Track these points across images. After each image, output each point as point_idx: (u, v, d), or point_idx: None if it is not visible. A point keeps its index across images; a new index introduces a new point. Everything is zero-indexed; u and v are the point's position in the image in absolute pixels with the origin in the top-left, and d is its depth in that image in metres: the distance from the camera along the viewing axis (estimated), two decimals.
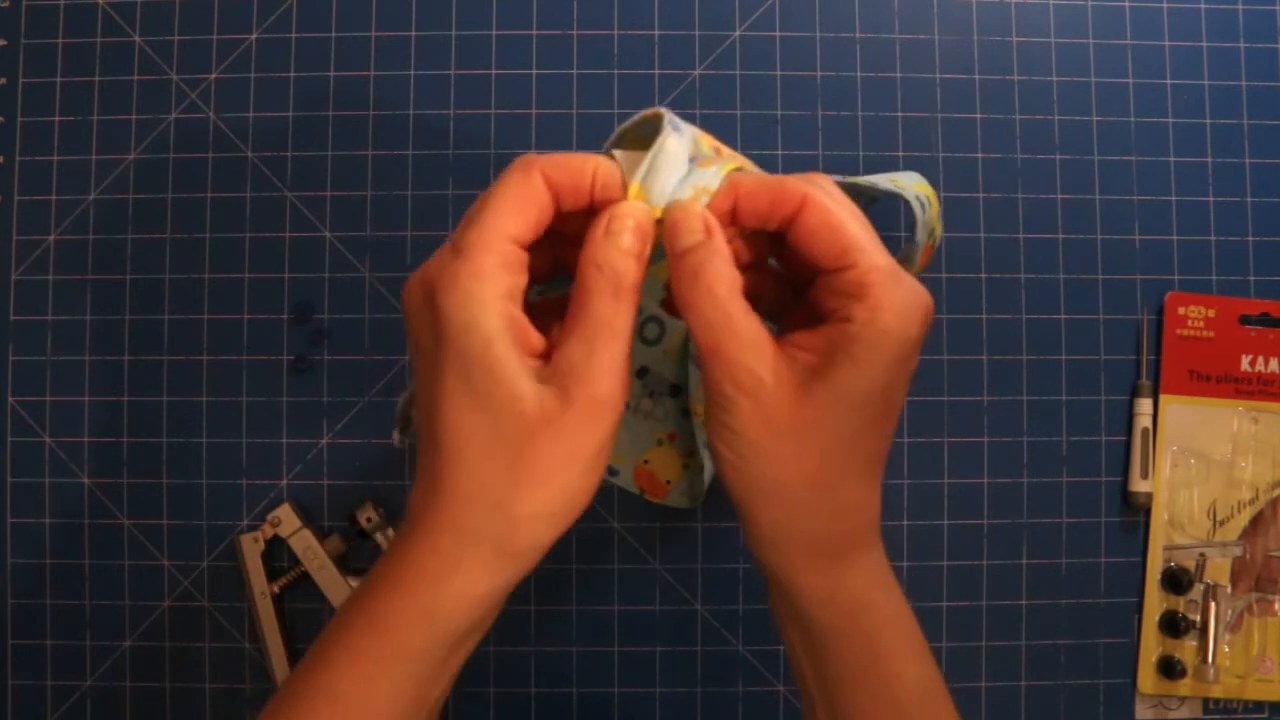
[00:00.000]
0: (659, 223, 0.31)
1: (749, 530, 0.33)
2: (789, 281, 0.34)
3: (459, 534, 0.29)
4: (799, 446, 0.30)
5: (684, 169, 0.32)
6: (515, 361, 0.28)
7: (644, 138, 0.33)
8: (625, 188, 0.31)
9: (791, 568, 0.32)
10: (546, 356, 0.30)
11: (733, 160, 0.34)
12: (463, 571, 0.29)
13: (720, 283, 0.30)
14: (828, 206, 0.30)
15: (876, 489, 0.33)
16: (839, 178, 0.43)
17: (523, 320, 0.29)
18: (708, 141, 0.35)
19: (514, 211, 0.29)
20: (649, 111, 0.33)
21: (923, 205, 0.49)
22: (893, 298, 0.29)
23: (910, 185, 0.49)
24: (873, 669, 0.33)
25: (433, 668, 0.30)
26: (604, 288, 0.29)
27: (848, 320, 0.29)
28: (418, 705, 0.30)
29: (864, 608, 0.33)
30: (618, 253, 0.30)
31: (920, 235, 0.48)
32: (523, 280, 0.30)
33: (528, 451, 0.28)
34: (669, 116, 0.32)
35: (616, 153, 0.33)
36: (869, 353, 0.29)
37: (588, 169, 0.30)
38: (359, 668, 0.29)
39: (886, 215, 0.55)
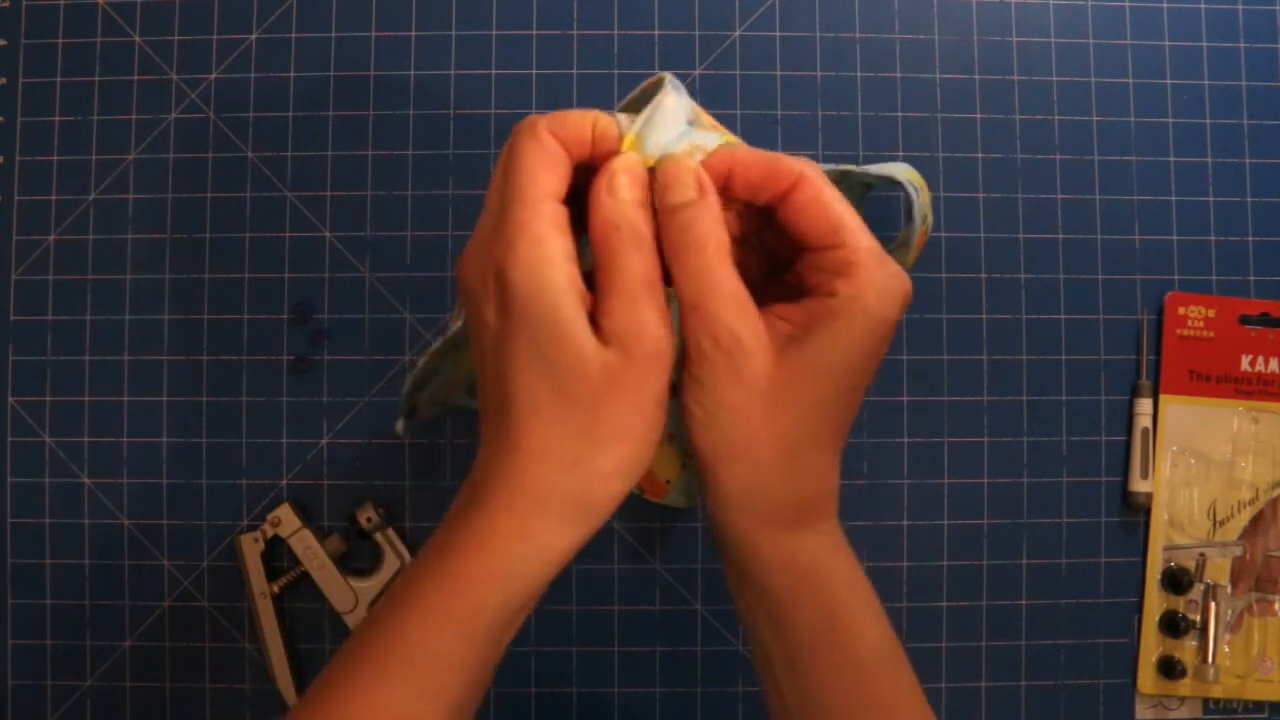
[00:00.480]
0: (651, 171, 0.31)
1: (712, 491, 0.33)
2: (769, 260, 0.35)
3: (537, 494, 0.30)
4: (770, 409, 0.31)
5: (681, 127, 0.32)
6: (582, 324, 0.29)
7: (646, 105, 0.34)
8: (621, 139, 0.32)
9: (752, 531, 0.33)
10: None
11: (731, 138, 0.34)
12: (542, 530, 0.30)
13: (710, 240, 0.30)
14: (820, 185, 0.31)
15: (837, 460, 0.34)
16: (831, 166, 0.43)
17: (580, 280, 0.30)
18: (707, 118, 0.36)
19: (542, 170, 0.30)
20: (651, 79, 0.33)
21: (915, 190, 0.49)
22: (876, 277, 0.30)
23: (901, 173, 0.50)
24: (832, 631, 0.33)
25: (504, 627, 0.31)
26: (627, 244, 0.30)
27: (831, 295, 0.30)
28: (488, 666, 0.31)
29: (821, 572, 0.34)
30: (629, 207, 0.30)
31: (916, 217, 0.48)
32: (571, 239, 0.30)
33: (598, 410, 0.29)
34: (670, 77, 0.33)
35: (620, 115, 0.33)
36: (849, 326, 0.30)
37: (586, 122, 0.31)
38: (435, 627, 0.30)
39: (876, 209, 0.55)
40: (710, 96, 0.56)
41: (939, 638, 0.55)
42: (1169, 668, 0.54)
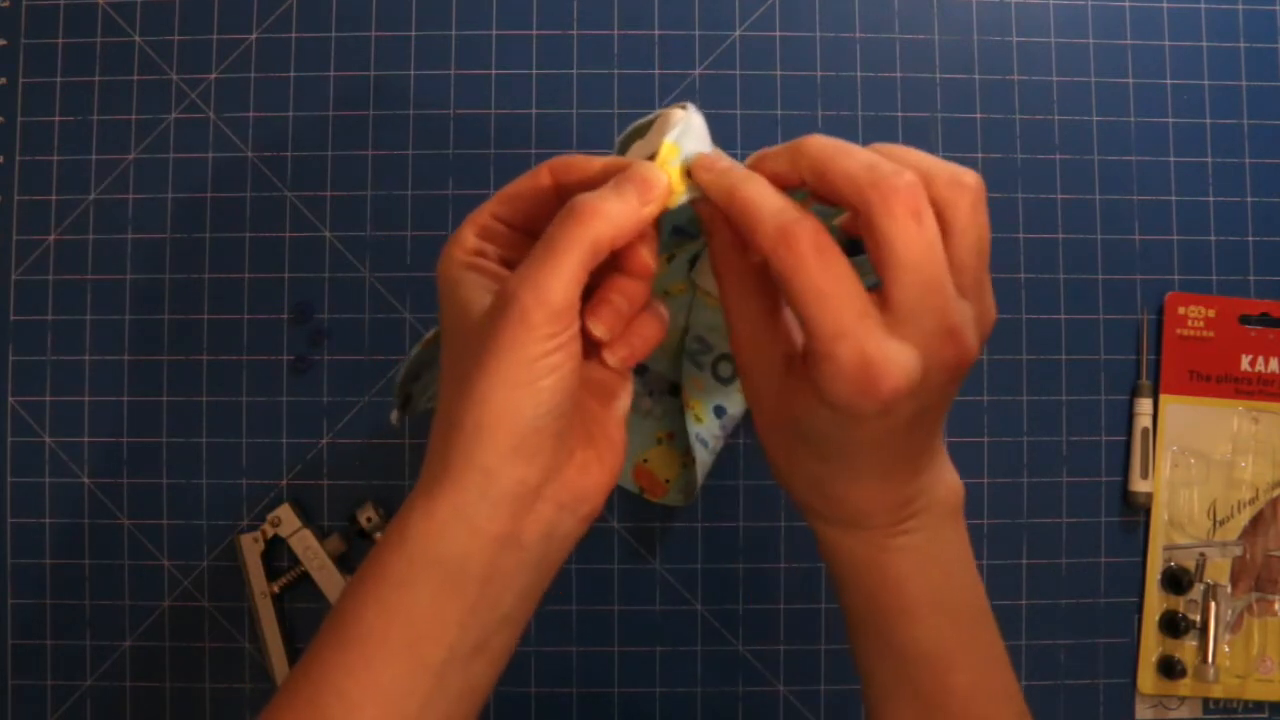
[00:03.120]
0: (689, 175, 0.32)
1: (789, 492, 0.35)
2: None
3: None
4: (788, 442, 0.33)
5: (709, 145, 0.33)
6: (472, 288, 0.32)
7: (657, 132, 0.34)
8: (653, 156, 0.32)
9: (822, 530, 0.35)
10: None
11: None
12: (516, 507, 0.31)
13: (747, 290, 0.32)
14: (822, 148, 0.30)
15: (932, 460, 0.34)
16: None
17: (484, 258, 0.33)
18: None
19: (502, 200, 0.33)
20: (670, 109, 0.34)
21: None
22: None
23: None
24: (908, 664, 0.35)
25: (469, 588, 0.30)
26: (571, 219, 0.30)
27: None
28: (484, 632, 0.31)
29: (901, 579, 0.35)
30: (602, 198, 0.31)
31: None
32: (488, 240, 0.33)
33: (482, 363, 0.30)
34: (693, 107, 0.33)
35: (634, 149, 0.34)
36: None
37: (594, 165, 0.33)
38: (400, 590, 0.30)
39: None
40: (710, 96, 0.56)
41: None
42: (1169, 668, 0.54)
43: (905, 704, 0.35)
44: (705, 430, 0.52)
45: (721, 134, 0.56)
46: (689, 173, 0.32)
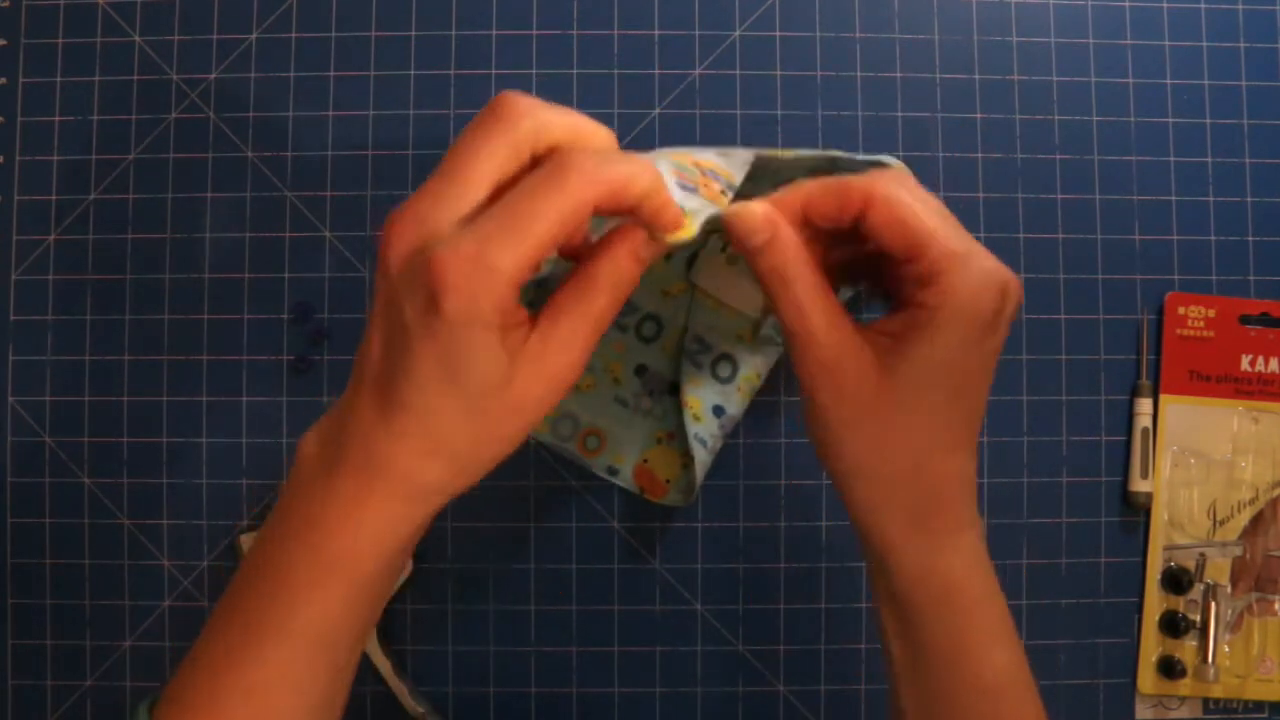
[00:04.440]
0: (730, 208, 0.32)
1: (849, 505, 0.34)
2: (874, 276, 0.35)
3: (418, 481, 0.30)
4: (884, 423, 0.32)
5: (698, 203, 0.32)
6: (496, 351, 0.28)
7: None
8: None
9: (888, 543, 0.33)
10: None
11: (716, 184, 0.35)
12: (418, 511, 0.31)
13: (794, 270, 0.31)
14: (893, 199, 0.31)
15: (966, 462, 0.34)
16: (818, 152, 0.42)
17: (515, 308, 0.29)
18: (683, 158, 0.35)
19: (552, 232, 0.27)
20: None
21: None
22: (962, 282, 0.30)
23: (893, 162, 0.50)
24: (962, 654, 0.34)
25: (381, 591, 0.32)
26: (602, 289, 0.31)
27: (920, 306, 0.31)
28: (368, 623, 0.32)
29: (956, 587, 0.34)
30: (631, 266, 0.31)
31: None
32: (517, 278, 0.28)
33: (488, 415, 0.30)
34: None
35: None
36: (941, 332, 0.30)
37: (633, 190, 0.29)
38: (319, 600, 0.30)
39: None
40: (710, 96, 0.56)
41: None
42: (1169, 668, 0.54)
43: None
44: (704, 430, 0.52)
45: (722, 134, 0.56)
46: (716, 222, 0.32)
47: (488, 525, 0.55)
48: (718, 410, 0.52)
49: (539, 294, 0.40)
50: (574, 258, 0.32)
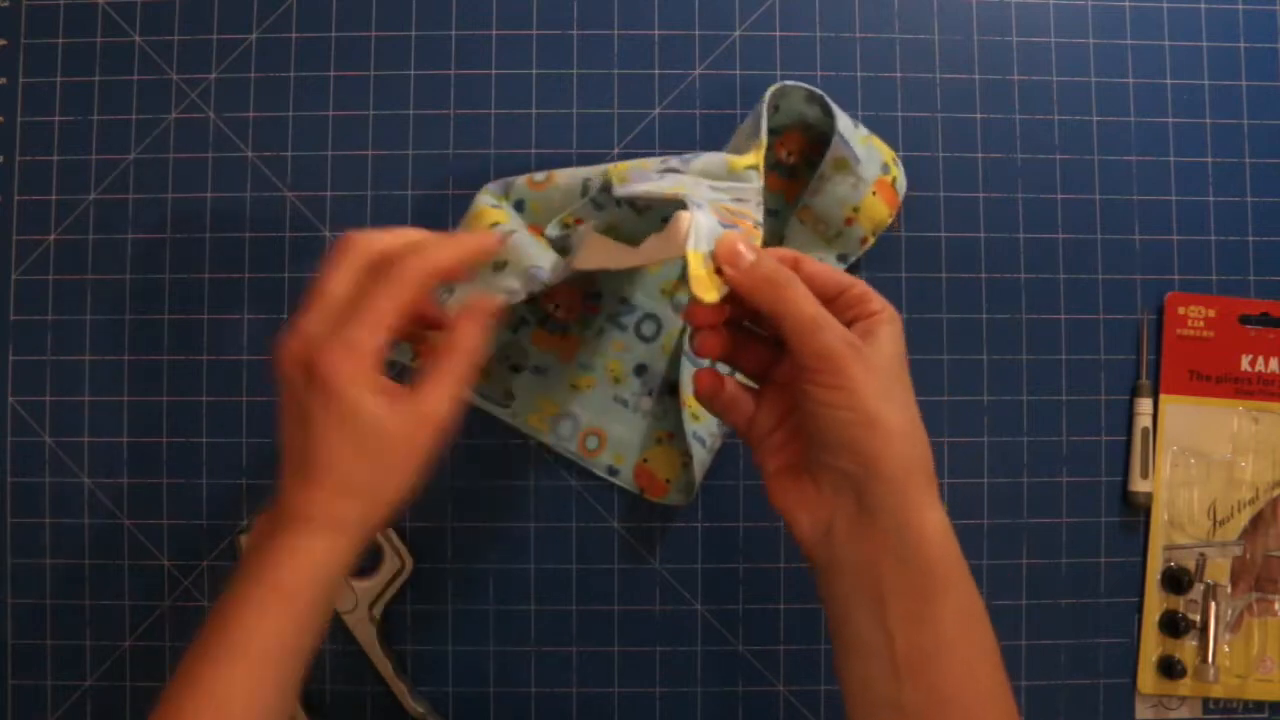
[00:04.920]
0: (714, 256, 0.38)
1: (886, 474, 0.37)
2: (769, 341, 0.41)
3: (339, 520, 0.38)
4: (895, 391, 0.37)
5: (715, 225, 0.39)
6: (377, 410, 0.38)
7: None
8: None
9: (921, 506, 0.37)
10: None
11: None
12: (344, 546, 0.38)
13: (792, 276, 0.38)
14: (813, 260, 0.40)
15: None
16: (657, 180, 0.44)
17: (380, 377, 0.39)
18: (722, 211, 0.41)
19: (394, 317, 0.38)
20: (677, 215, 0.38)
21: (852, 132, 0.52)
22: (878, 300, 0.39)
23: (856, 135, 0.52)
24: (976, 619, 0.38)
25: (322, 613, 0.39)
26: (466, 363, 0.40)
27: (871, 315, 0.38)
28: (311, 641, 0.38)
29: (960, 554, 0.38)
30: (477, 336, 0.40)
31: (842, 143, 0.50)
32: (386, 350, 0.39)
33: (384, 459, 0.38)
34: (692, 204, 0.38)
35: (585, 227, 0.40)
36: (892, 329, 0.38)
37: (442, 267, 0.39)
38: (270, 624, 0.37)
39: None
40: (710, 96, 0.56)
41: None
42: (1169, 667, 0.54)
43: (995, 707, 0.37)
44: (703, 428, 0.52)
45: (722, 134, 0.56)
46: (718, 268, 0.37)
47: (488, 525, 0.55)
48: None
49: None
50: (437, 327, 0.43)
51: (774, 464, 0.40)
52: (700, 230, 0.37)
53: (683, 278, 0.54)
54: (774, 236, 0.54)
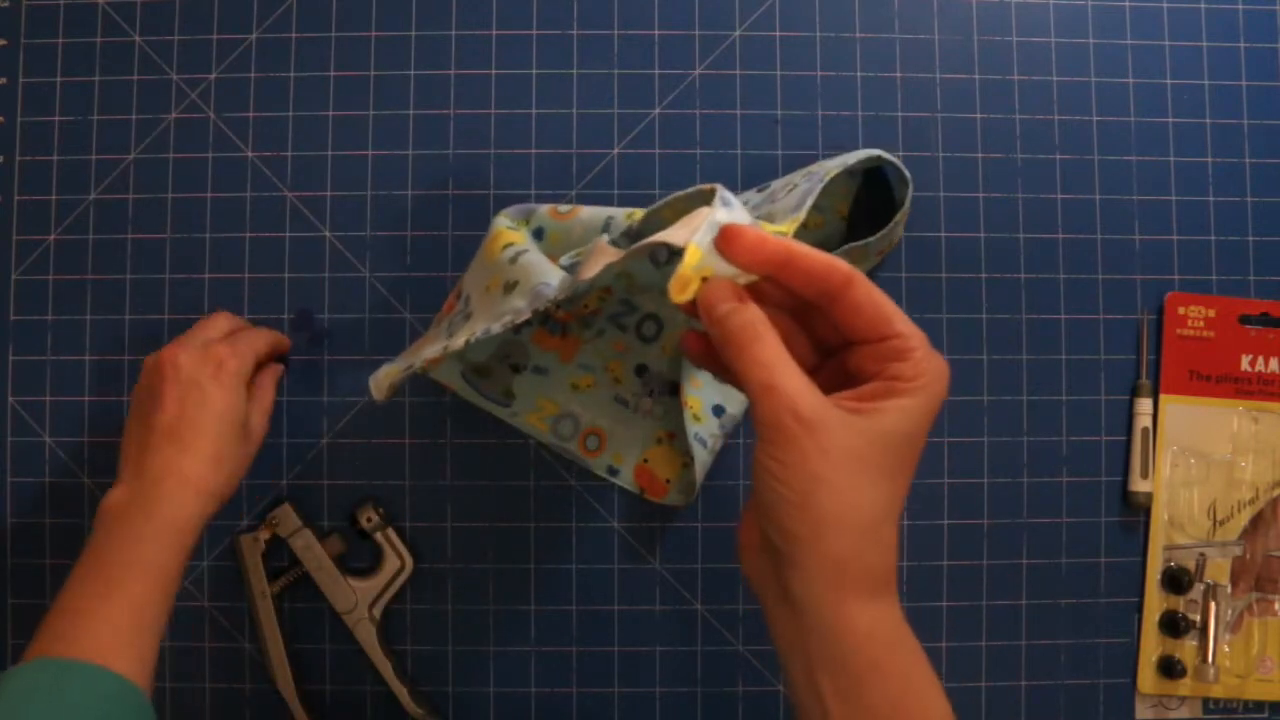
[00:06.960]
0: (705, 280, 0.35)
1: (805, 567, 0.34)
2: (819, 351, 0.38)
3: (201, 487, 0.47)
4: (852, 480, 0.33)
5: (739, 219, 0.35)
6: (239, 430, 0.49)
7: (688, 208, 0.39)
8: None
9: (844, 602, 0.34)
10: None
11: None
12: (205, 503, 0.47)
13: (766, 331, 0.34)
14: (871, 285, 0.34)
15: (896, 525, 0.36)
16: (835, 164, 0.44)
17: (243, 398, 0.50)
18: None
19: (264, 347, 0.52)
20: (705, 186, 0.36)
21: (905, 174, 0.52)
22: (930, 364, 0.34)
23: (887, 156, 0.53)
24: (910, 699, 0.34)
25: (188, 555, 0.47)
26: (269, 401, 0.53)
27: (895, 378, 0.33)
28: (174, 576, 0.46)
29: (900, 642, 0.35)
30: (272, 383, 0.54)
31: (909, 194, 0.52)
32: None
33: (231, 450, 0.49)
34: (720, 190, 0.35)
35: (602, 240, 0.40)
36: (914, 403, 0.33)
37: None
38: (134, 558, 0.45)
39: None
40: (710, 96, 0.56)
41: (939, 637, 0.55)
42: (1169, 667, 0.54)
43: None
44: (704, 430, 0.52)
45: (722, 134, 0.56)
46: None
47: (488, 525, 0.55)
48: (718, 410, 0.52)
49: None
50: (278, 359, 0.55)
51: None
52: (715, 227, 0.35)
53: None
54: None
